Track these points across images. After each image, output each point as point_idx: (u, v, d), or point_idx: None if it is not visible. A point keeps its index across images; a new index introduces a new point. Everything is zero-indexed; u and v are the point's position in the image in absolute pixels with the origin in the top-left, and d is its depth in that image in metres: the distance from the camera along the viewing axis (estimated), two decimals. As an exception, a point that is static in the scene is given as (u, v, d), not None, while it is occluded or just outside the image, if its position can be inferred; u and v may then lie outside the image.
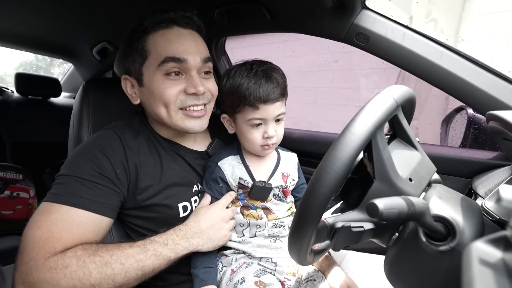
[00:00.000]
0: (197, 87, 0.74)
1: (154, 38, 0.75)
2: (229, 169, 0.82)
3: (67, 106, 2.16)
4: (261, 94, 0.73)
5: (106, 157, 0.72)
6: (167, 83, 0.74)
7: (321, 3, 0.85)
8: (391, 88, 0.51)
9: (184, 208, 0.82)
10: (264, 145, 0.79)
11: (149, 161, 0.78)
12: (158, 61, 0.73)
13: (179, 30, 0.76)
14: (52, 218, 0.64)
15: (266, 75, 0.75)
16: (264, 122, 0.77)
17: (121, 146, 0.75)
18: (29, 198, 1.70)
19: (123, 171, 0.74)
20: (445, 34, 3.25)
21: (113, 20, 1.27)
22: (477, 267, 0.24)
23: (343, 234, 0.48)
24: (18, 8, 1.20)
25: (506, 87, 0.77)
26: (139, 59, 0.76)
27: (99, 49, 1.58)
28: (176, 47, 0.73)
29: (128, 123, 0.82)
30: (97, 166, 0.70)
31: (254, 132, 0.78)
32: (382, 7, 0.93)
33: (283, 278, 0.80)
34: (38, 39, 1.66)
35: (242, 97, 0.75)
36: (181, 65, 0.74)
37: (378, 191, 0.48)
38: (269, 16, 0.98)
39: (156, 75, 0.74)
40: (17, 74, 2.02)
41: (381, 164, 0.48)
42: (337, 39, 0.94)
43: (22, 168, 1.73)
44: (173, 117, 0.76)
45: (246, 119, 0.77)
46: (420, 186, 0.52)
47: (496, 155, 0.88)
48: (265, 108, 0.75)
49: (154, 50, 0.74)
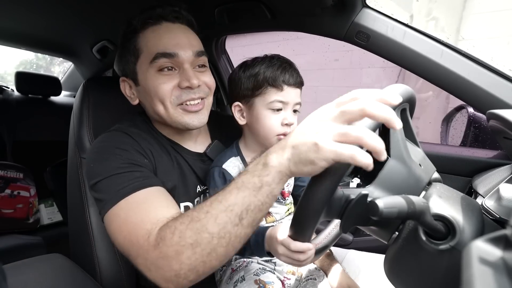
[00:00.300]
0: (190, 80, 0.72)
1: (144, 36, 0.74)
2: (235, 171, 0.80)
3: (67, 104, 2.16)
4: (287, 76, 0.75)
5: (125, 150, 0.71)
6: (160, 79, 0.73)
7: (321, 2, 0.85)
8: (396, 85, 0.51)
9: (186, 208, 0.81)
10: (281, 134, 0.76)
11: (163, 158, 0.78)
12: (149, 58, 0.72)
13: (168, 25, 0.75)
14: (122, 216, 0.62)
15: (288, 62, 0.79)
16: (285, 107, 0.77)
17: (132, 140, 0.74)
18: (29, 197, 1.71)
19: (148, 160, 0.73)
20: (446, 33, 3.25)
21: (113, 19, 1.27)
22: (477, 266, 0.24)
23: (357, 206, 0.45)
24: (18, 7, 1.20)
25: (506, 86, 0.77)
26: (132, 58, 0.76)
27: (99, 48, 1.58)
28: (166, 42, 0.73)
29: (132, 123, 0.81)
30: (123, 158, 0.69)
31: (274, 117, 0.76)
32: (383, 6, 0.93)
33: (282, 277, 0.80)
34: (38, 37, 1.66)
35: (266, 78, 0.75)
36: (173, 60, 0.73)
37: (393, 168, 0.48)
38: (269, 15, 0.98)
39: (149, 72, 0.73)
40: (17, 73, 2.02)
41: (397, 142, 0.49)
42: (337, 38, 0.94)
43: (23, 166, 1.73)
44: (171, 113, 0.75)
45: (268, 101, 0.76)
46: (428, 174, 0.52)
47: (496, 154, 0.88)
48: (289, 91, 0.76)
49: (145, 47, 0.74)
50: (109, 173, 0.67)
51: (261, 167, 0.51)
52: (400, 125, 0.40)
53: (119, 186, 0.65)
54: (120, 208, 0.63)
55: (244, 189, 0.51)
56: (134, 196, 0.64)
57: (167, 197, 0.68)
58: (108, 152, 0.70)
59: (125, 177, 0.66)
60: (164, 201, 0.66)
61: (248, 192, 0.51)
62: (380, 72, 3.29)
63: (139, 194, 0.64)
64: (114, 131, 0.77)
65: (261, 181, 0.50)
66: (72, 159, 0.92)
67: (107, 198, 0.65)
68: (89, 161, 0.72)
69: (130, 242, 0.60)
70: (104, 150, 0.71)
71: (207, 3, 1.03)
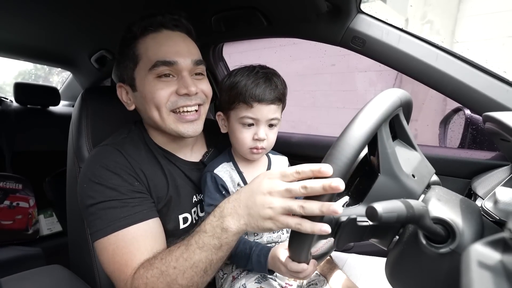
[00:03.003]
0: (188, 87, 0.73)
1: (144, 43, 0.75)
2: (226, 176, 0.81)
3: (66, 114, 2.16)
4: (257, 92, 0.74)
5: (117, 175, 0.72)
6: (158, 85, 0.73)
7: (316, 8, 0.86)
8: (393, 89, 0.52)
9: (184, 220, 0.81)
10: (253, 147, 0.78)
11: (155, 173, 0.78)
12: (149, 65, 0.73)
13: (168, 33, 0.76)
14: (110, 250, 0.68)
15: (266, 76, 0.76)
16: (256, 123, 0.77)
17: (125, 160, 0.74)
18: (29, 208, 1.70)
19: (139, 183, 0.74)
20: (441, 36, 3.28)
21: (111, 28, 1.28)
22: (476, 270, 0.24)
23: (348, 228, 0.47)
24: (16, 18, 1.21)
25: (501, 87, 0.77)
26: (130, 64, 0.76)
27: (98, 57, 1.59)
28: (166, 50, 0.73)
29: (127, 136, 0.81)
30: (114, 185, 0.70)
31: (245, 132, 0.77)
32: (378, 10, 0.94)
33: (284, 283, 0.79)
34: (37, 48, 1.67)
35: (238, 93, 0.75)
36: (172, 68, 0.74)
37: (383, 185, 0.48)
38: (265, 22, 0.99)
39: (147, 78, 0.74)
40: (16, 84, 2.03)
41: (386, 158, 0.48)
42: (333, 43, 0.95)
43: (22, 177, 1.73)
44: (165, 119, 0.75)
45: (238, 116, 0.76)
46: (423, 184, 0.52)
47: (495, 155, 0.88)
48: (259, 108, 0.75)
49: (144, 54, 0.74)
50: (101, 198, 0.69)
51: (220, 231, 0.59)
52: (342, 188, 0.45)
53: (111, 217, 0.68)
54: (109, 242, 0.68)
55: (206, 249, 0.60)
56: (124, 232, 0.68)
57: (154, 232, 0.72)
58: (100, 176, 0.71)
59: (117, 208, 0.69)
60: (150, 239, 0.70)
61: (210, 251, 0.60)
62: (377, 75, 3.31)
63: (129, 231, 0.68)
64: (107, 146, 0.77)
65: (220, 242, 0.59)
66: (71, 169, 0.91)
67: (98, 227, 0.68)
68: (82, 180, 0.73)
69: (114, 279, 0.68)
70: (96, 172, 0.72)
71: (204, 12, 1.04)
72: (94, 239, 0.69)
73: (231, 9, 1.00)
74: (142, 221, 0.70)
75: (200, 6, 1.01)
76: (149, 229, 0.71)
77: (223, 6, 0.99)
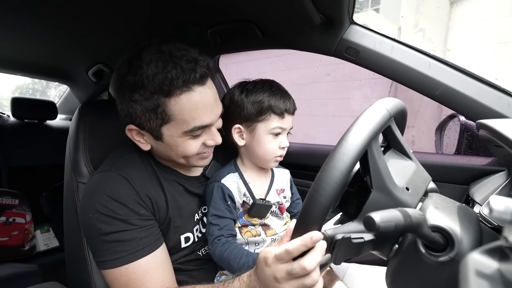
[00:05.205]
0: (217, 141, 0.77)
1: (177, 104, 0.68)
2: (233, 186, 0.82)
3: (63, 128, 2.16)
4: (288, 105, 0.83)
5: (123, 205, 0.71)
6: (190, 141, 0.74)
7: (309, 20, 0.87)
8: (383, 100, 0.52)
9: (186, 239, 0.82)
10: (278, 156, 0.83)
11: (158, 196, 0.78)
12: (185, 128, 0.71)
13: (201, 90, 0.70)
14: (123, 282, 0.70)
15: (285, 92, 0.86)
16: (283, 132, 0.83)
17: (130, 187, 0.73)
18: (25, 223, 1.67)
19: (145, 210, 0.74)
20: (433, 43, 3.33)
21: (108, 42, 1.29)
22: (474, 280, 0.24)
23: (343, 246, 0.47)
24: (13, 34, 1.22)
25: (494, 94, 0.78)
26: (157, 120, 0.70)
27: (95, 71, 1.60)
28: (202, 114, 0.71)
29: (128, 158, 0.79)
30: (122, 217, 0.71)
31: (273, 141, 0.83)
32: (371, 20, 0.96)
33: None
34: (34, 63, 1.68)
35: (271, 106, 0.81)
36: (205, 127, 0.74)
37: (376, 201, 0.48)
38: (260, 34, 1.01)
39: (181, 138, 0.73)
40: (13, 99, 2.03)
41: (378, 173, 0.48)
42: (327, 54, 0.96)
43: (18, 192, 1.71)
44: (190, 163, 0.78)
45: (270, 127, 0.81)
46: (417, 195, 0.52)
47: (491, 161, 0.88)
48: (288, 118, 0.83)
49: (179, 116, 0.69)
50: (109, 230, 0.69)
51: None
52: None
53: (120, 249, 0.69)
54: (121, 273, 0.70)
55: None
56: (134, 265, 0.70)
57: (162, 261, 0.74)
58: (107, 207, 0.70)
59: (125, 242, 0.70)
60: (160, 269, 0.73)
61: None
62: (372, 84, 3.35)
63: (139, 263, 0.70)
64: (110, 172, 0.75)
65: None
66: (68, 183, 0.91)
67: (107, 257, 0.70)
68: (87, 209, 0.72)
69: None
70: (103, 202, 0.70)
71: (200, 25, 1.05)
72: (102, 267, 0.71)
73: (226, 22, 1.02)
74: (151, 252, 0.72)
75: (196, 20, 1.03)
76: (158, 259, 0.73)
77: (218, 20, 1.01)
